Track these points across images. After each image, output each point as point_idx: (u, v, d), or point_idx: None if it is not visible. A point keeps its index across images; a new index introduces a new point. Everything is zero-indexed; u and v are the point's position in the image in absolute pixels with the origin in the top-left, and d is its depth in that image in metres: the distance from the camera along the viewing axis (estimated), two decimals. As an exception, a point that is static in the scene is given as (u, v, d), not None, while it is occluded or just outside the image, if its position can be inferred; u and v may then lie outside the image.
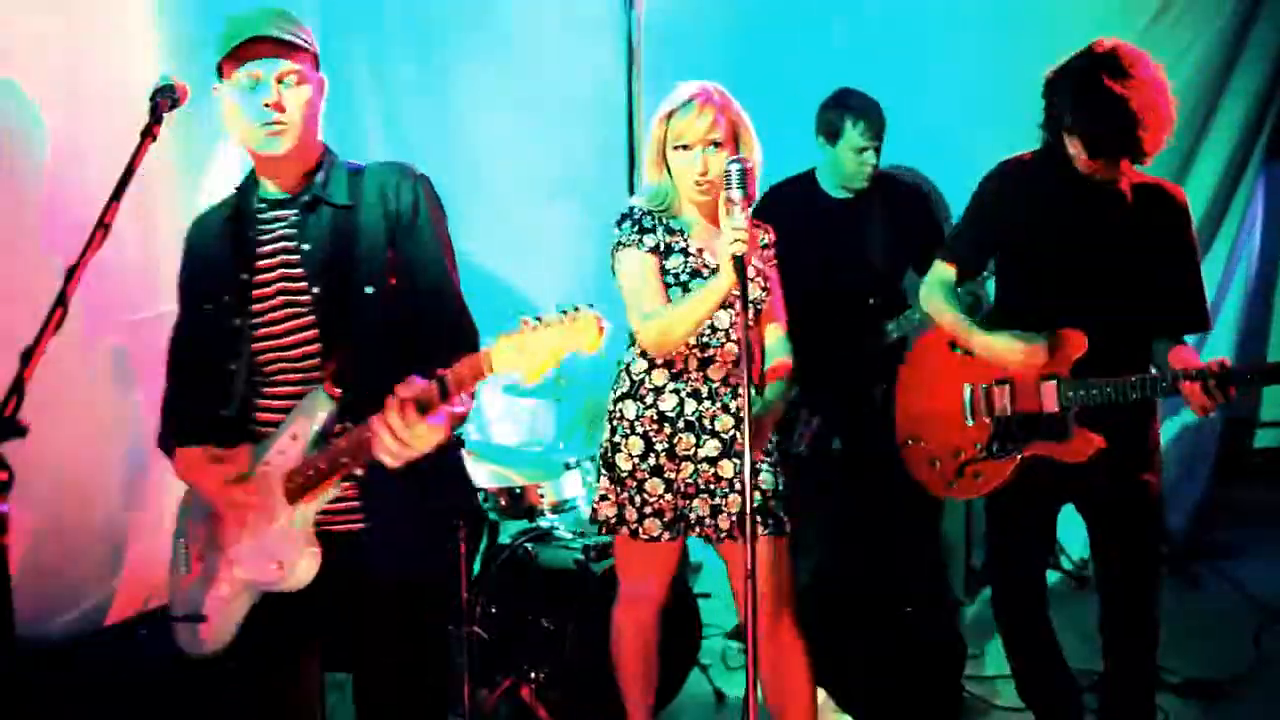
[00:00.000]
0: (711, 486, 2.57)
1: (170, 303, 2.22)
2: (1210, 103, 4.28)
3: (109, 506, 3.02)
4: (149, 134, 1.89)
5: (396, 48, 4.33)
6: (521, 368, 1.87)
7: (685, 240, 2.56)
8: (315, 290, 2.08)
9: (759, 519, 2.48)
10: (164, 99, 1.90)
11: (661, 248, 2.55)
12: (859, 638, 3.29)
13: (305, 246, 2.09)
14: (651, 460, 2.57)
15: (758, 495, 2.50)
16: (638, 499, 2.58)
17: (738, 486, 2.57)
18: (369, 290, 2.09)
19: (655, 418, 2.57)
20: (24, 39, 2.66)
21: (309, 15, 4.13)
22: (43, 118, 2.69)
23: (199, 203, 3.26)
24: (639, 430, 2.58)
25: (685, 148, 2.49)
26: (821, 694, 3.23)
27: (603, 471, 2.69)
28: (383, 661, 2.15)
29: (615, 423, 2.63)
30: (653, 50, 4.03)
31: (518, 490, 3.43)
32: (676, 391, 2.57)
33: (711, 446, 2.57)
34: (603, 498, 2.67)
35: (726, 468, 2.57)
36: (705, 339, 2.55)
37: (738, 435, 2.58)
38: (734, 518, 2.57)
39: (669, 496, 2.58)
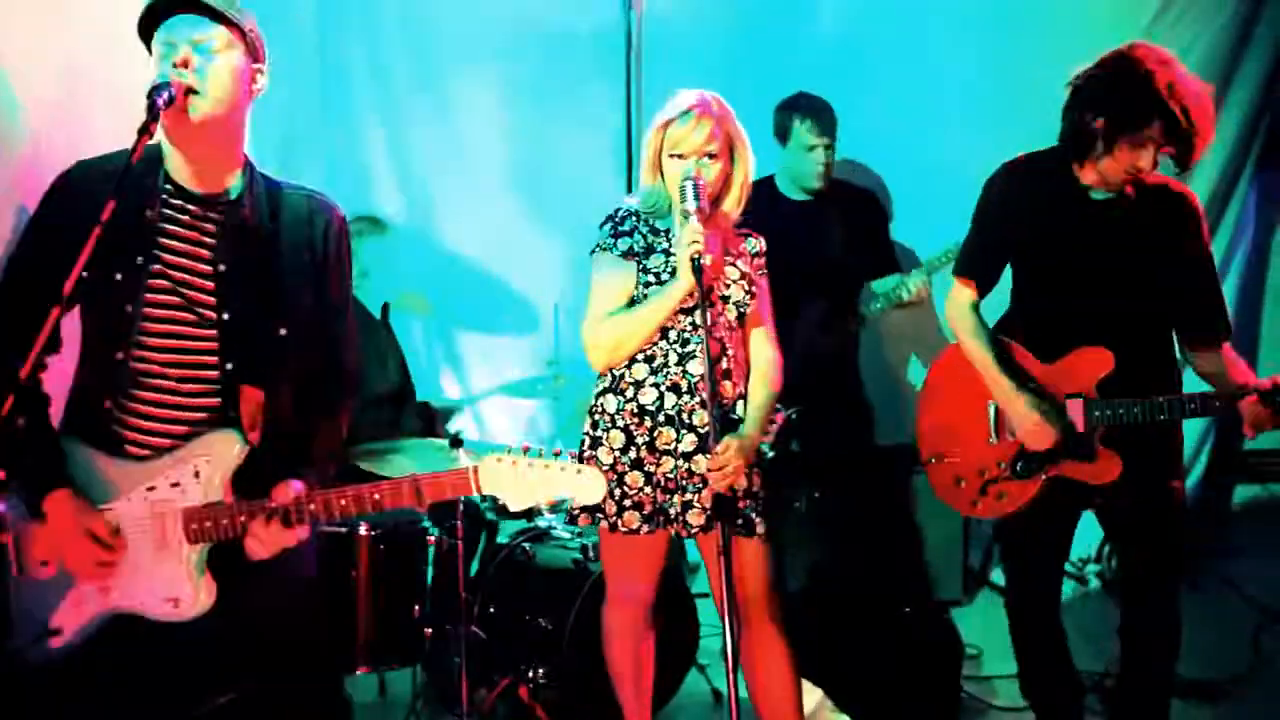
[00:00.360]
0: (684, 483, 2.57)
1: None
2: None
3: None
4: (145, 131, 1.87)
5: (395, 50, 4.33)
6: (510, 496, 1.89)
7: (669, 241, 2.58)
8: (225, 317, 2.01)
9: (729, 518, 2.47)
10: (160, 96, 1.89)
11: (639, 249, 2.57)
12: (857, 638, 3.29)
13: (222, 268, 2.01)
14: (632, 453, 2.57)
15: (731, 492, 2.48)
16: (617, 492, 2.57)
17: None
18: (283, 332, 2.03)
19: (635, 411, 2.57)
20: (23, 38, 2.66)
21: (307, 18, 4.19)
22: (32, 116, 2.68)
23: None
24: (619, 424, 2.58)
25: (680, 157, 2.51)
26: (820, 694, 3.23)
27: None
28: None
29: (596, 417, 2.62)
30: (652, 50, 4.03)
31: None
32: (656, 385, 2.57)
33: (689, 441, 2.56)
34: None
35: (701, 463, 2.56)
36: (686, 335, 2.55)
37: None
38: (706, 512, 2.57)
39: (649, 490, 2.58)
